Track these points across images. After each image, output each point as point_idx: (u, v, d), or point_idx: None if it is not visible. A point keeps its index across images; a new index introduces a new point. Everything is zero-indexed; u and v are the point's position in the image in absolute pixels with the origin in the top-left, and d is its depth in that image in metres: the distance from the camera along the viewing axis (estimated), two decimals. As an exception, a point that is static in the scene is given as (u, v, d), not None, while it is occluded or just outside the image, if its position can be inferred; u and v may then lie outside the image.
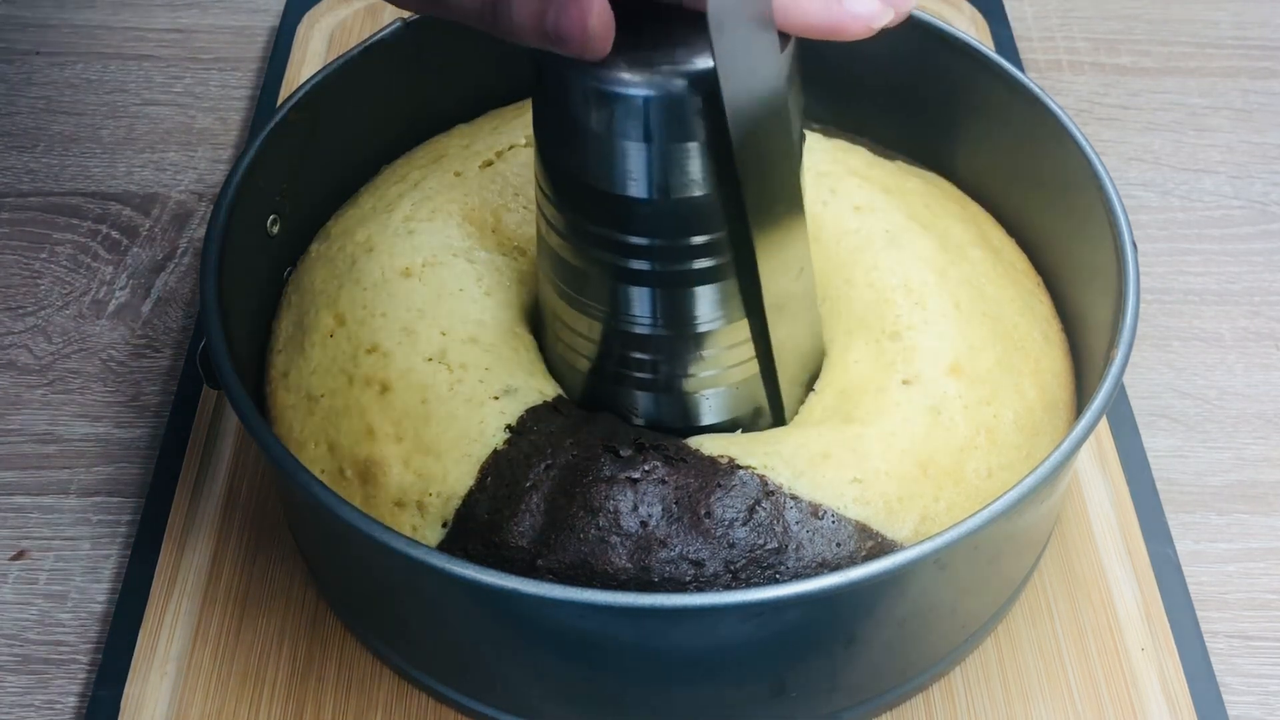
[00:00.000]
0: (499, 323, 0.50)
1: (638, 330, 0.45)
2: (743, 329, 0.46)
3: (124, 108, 0.75)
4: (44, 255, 0.68)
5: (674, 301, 0.45)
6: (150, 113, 0.75)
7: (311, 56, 0.75)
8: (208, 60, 0.78)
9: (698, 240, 0.43)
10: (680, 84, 0.39)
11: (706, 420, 0.48)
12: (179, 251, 0.68)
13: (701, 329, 0.45)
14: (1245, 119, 0.74)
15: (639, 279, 0.44)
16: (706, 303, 0.45)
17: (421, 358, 0.49)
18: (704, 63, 0.39)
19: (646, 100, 0.40)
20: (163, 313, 0.65)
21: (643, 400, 0.48)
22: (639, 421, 0.48)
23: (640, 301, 0.45)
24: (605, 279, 0.45)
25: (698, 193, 0.42)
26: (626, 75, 0.39)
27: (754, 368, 0.47)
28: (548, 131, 0.43)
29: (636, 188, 0.41)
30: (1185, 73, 0.77)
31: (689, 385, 0.47)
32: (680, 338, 0.46)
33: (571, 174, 0.43)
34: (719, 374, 0.47)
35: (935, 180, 0.58)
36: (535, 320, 0.52)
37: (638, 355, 0.46)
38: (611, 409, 0.48)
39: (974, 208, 0.57)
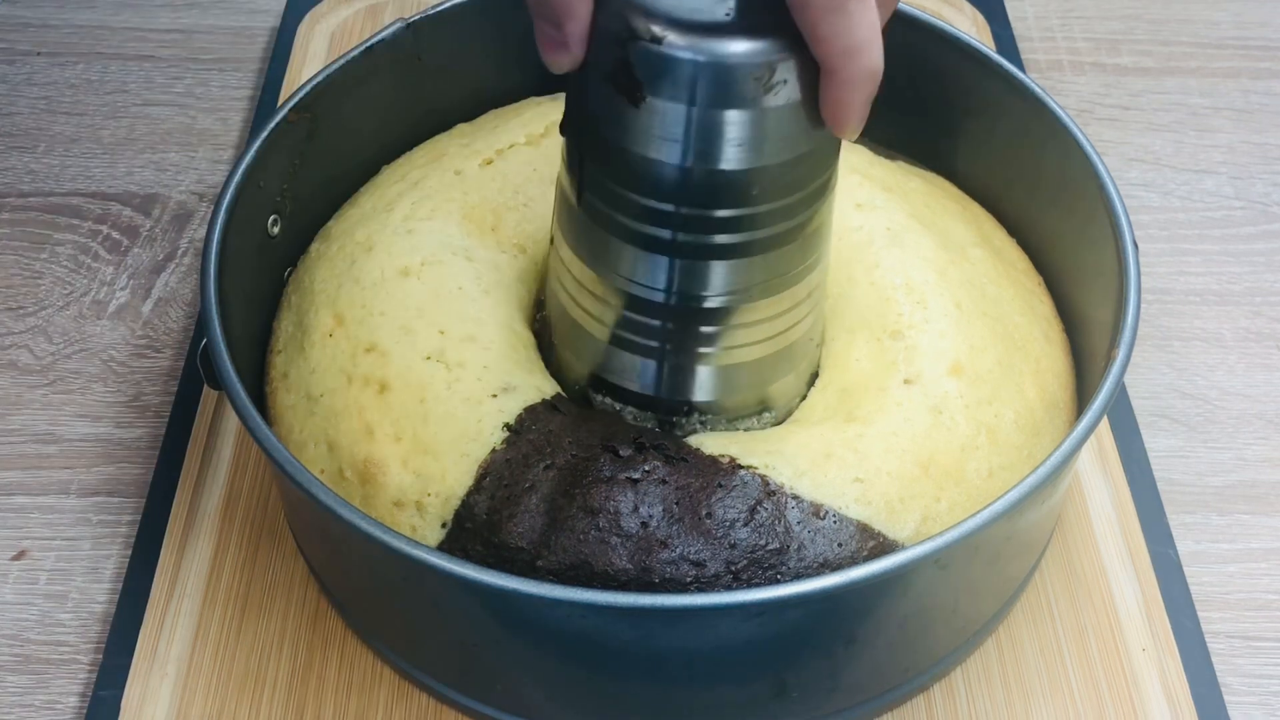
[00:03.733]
0: (497, 321, 0.50)
1: (661, 300, 0.45)
2: (756, 309, 0.46)
3: (124, 108, 0.75)
4: (45, 255, 0.68)
5: (690, 273, 0.44)
6: (151, 113, 0.75)
7: (312, 57, 0.75)
8: (208, 61, 0.78)
9: (723, 213, 0.43)
10: (731, 52, 0.39)
11: (704, 396, 0.48)
12: (179, 252, 0.68)
13: (713, 304, 0.45)
14: (1246, 119, 0.74)
15: (658, 246, 0.44)
16: (722, 277, 0.44)
17: (420, 356, 0.49)
18: (757, 39, 0.39)
19: (695, 65, 0.39)
20: (163, 313, 0.65)
21: (644, 367, 0.47)
22: (636, 388, 0.48)
23: (668, 271, 0.44)
24: (623, 241, 0.44)
25: (732, 165, 0.41)
26: (677, 39, 0.39)
27: (761, 350, 0.47)
28: (586, 87, 0.42)
29: (672, 153, 0.41)
30: (1186, 73, 0.77)
31: (694, 359, 0.47)
32: (691, 310, 0.45)
33: (617, 141, 0.42)
34: (724, 351, 0.47)
35: (936, 180, 0.58)
36: (533, 308, 0.52)
37: (655, 323, 0.46)
38: (608, 372, 0.48)
39: (975, 208, 0.57)
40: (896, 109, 0.59)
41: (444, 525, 0.46)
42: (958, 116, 0.57)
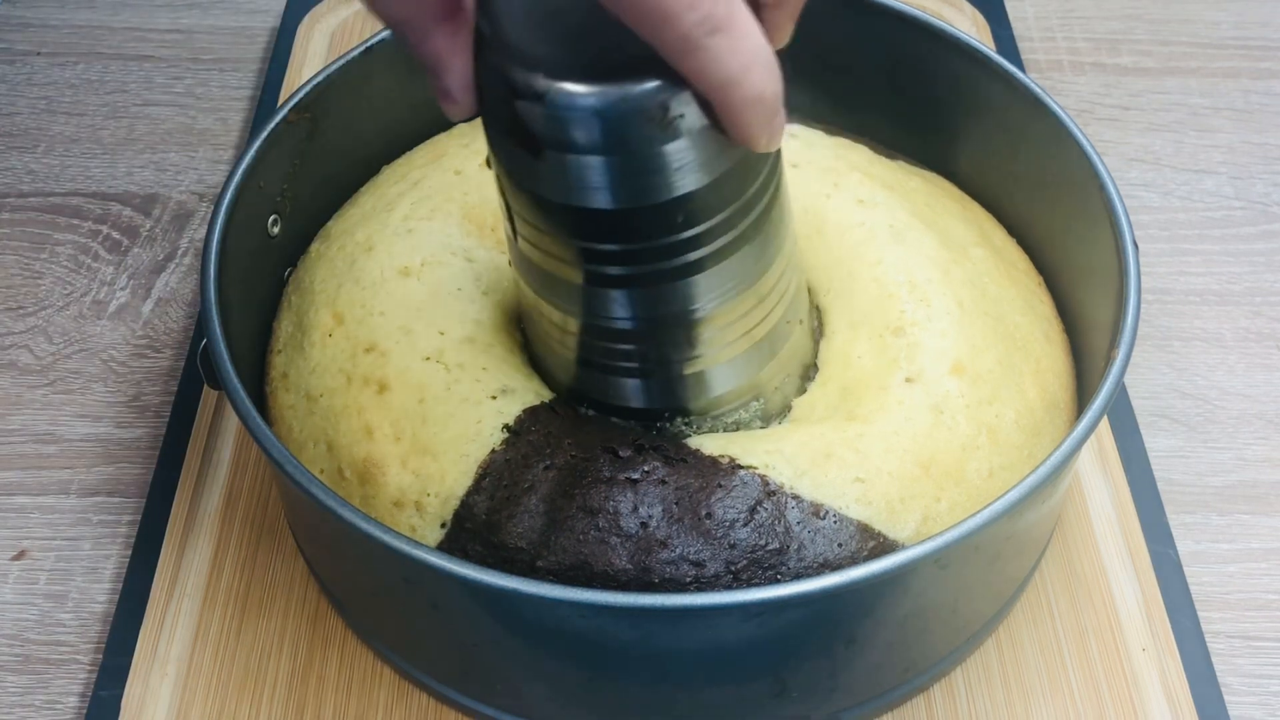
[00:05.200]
0: (496, 322, 0.50)
1: (620, 327, 0.45)
2: (722, 315, 0.45)
3: (124, 108, 0.75)
4: (45, 256, 0.68)
5: (642, 299, 0.44)
6: (151, 113, 0.75)
7: (312, 57, 0.75)
8: (208, 61, 0.78)
9: (657, 243, 0.42)
10: (621, 97, 0.38)
11: (685, 402, 0.47)
12: (180, 252, 0.68)
13: (689, 319, 0.45)
14: (1246, 119, 0.74)
15: (600, 280, 0.43)
16: (676, 297, 0.44)
17: (419, 357, 0.49)
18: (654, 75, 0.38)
19: (586, 115, 0.38)
20: (163, 313, 0.65)
21: (618, 384, 0.47)
22: (615, 402, 0.47)
23: (619, 302, 0.44)
24: (563, 278, 0.44)
25: (651, 200, 0.40)
26: (563, 92, 0.38)
27: (735, 349, 0.46)
28: (506, 148, 0.41)
29: (586, 198, 0.40)
30: (1186, 73, 0.77)
31: (668, 370, 0.46)
32: (653, 331, 0.45)
33: (530, 189, 0.41)
34: (696, 359, 0.46)
35: (936, 180, 0.58)
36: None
37: (622, 347, 0.45)
38: (585, 388, 0.47)
39: (975, 208, 0.57)
40: (897, 109, 0.59)
41: (443, 525, 0.46)
42: (958, 116, 0.57)
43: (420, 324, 0.50)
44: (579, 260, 0.43)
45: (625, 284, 0.43)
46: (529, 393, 0.48)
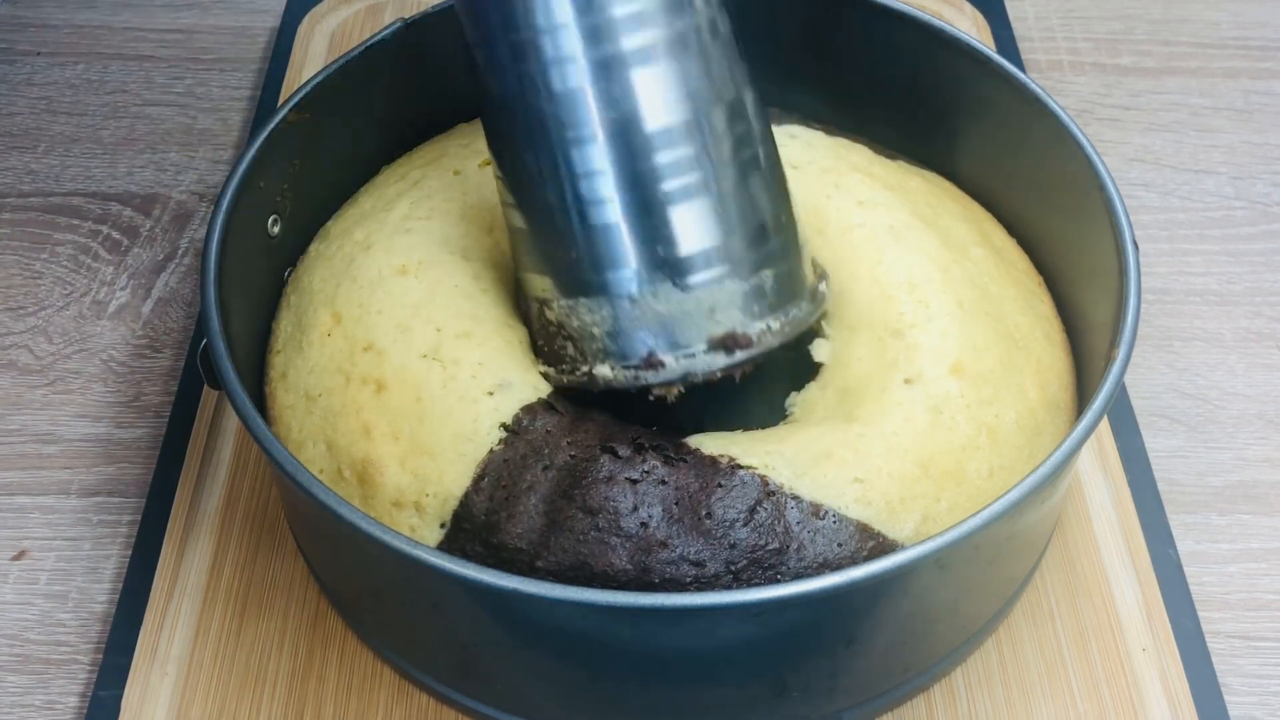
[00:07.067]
0: (494, 318, 0.50)
1: (587, 146, 0.44)
2: (686, 129, 0.44)
3: (125, 108, 0.75)
4: (45, 256, 0.68)
5: (608, 97, 0.44)
6: (151, 113, 0.75)
7: (312, 57, 0.75)
8: (209, 61, 0.78)
9: (610, 14, 0.43)
10: None
11: (665, 248, 0.45)
12: (180, 252, 0.68)
13: (642, 128, 0.44)
14: (1246, 119, 0.74)
15: (579, 75, 0.43)
16: (641, 92, 0.44)
17: (416, 354, 0.49)
18: None
19: None
20: (163, 313, 0.65)
21: (610, 236, 0.45)
22: (588, 277, 0.46)
23: (578, 106, 0.44)
24: (557, 90, 0.44)
25: None
26: None
27: (712, 185, 0.45)
28: None
29: None
30: (1186, 73, 0.77)
31: (641, 203, 0.45)
32: (631, 143, 0.44)
33: None
34: (669, 188, 0.45)
35: (936, 180, 0.58)
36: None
37: (595, 169, 0.45)
38: (559, 268, 0.47)
39: (975, 208, 0.57)
40: (897, 109, 0.59)
41: (442, 526, 0.46)
42: (958, 116, 0.57)
43: (417, 321, 0.50)
44: (555, 48, 0.43)
45: (590, 76, 0.43)
46: (526, 387, 0.48)
